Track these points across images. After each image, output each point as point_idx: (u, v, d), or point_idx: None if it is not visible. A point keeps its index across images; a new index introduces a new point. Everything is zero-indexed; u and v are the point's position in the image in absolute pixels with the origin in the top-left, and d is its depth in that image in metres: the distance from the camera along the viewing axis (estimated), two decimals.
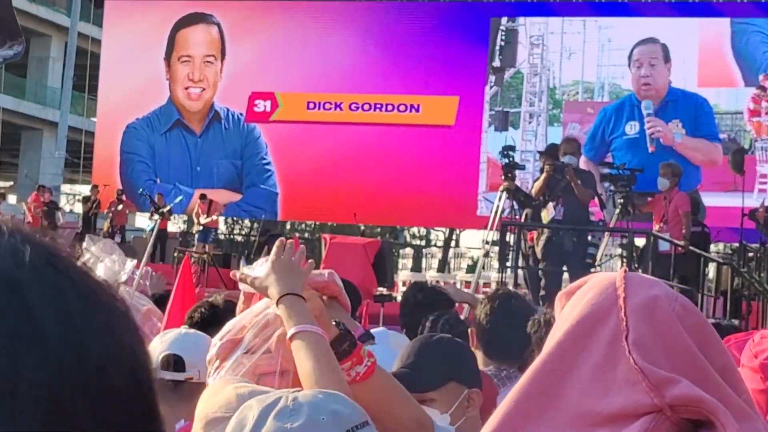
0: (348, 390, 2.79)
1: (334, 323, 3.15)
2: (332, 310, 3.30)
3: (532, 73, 31.76)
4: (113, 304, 1.03)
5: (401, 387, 3.10)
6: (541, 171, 16.08)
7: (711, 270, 20.09)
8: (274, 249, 3.23)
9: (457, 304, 8.72)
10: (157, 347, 4.37)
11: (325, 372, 2.87)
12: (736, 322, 19.18)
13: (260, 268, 3.23)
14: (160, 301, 8.32)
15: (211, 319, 5.10)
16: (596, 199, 16.93)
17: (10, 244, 0.99)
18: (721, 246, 27.12)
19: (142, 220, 36.96)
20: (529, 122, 31.59)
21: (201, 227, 28.64)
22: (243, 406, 2.46)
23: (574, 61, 31.45)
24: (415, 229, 41.10)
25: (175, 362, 4.36)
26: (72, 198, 50.36)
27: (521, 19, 32.00)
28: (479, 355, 5.02)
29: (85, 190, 37.15)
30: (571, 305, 1.96)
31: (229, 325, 3.32)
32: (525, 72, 31.86)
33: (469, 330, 5.37)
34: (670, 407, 1.77)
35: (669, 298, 1.93)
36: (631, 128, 29.83)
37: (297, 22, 33.13)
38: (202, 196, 29.48)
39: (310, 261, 3.30)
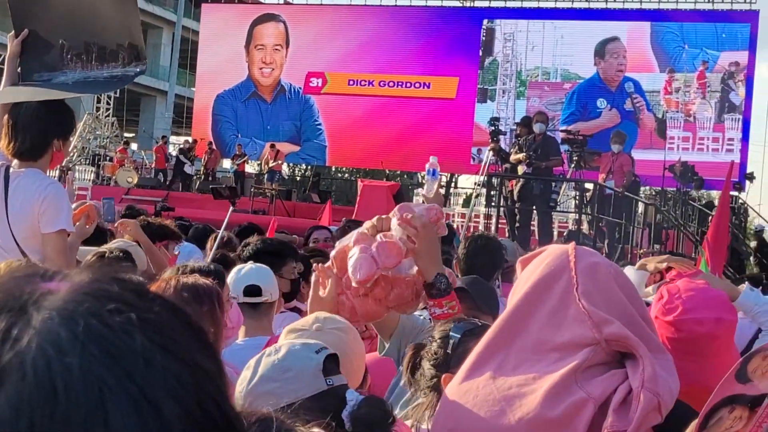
0: None
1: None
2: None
3: (505, 60, 31.74)
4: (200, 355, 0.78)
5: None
6: (517, 137, 15.95)
7: (640, 208, 19.92)
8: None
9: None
10: (239, 280, 4.25)
11: None
12: (657, 246, 19.21)
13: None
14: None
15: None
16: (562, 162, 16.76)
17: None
18: (648, 189, 26.91)
19: (227, 164, 36.84)
20: (503, 96, 31.64)
21: (268, 169, 28.53)
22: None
23: (536, 51, 31.48)
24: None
25: (254, 290, 4.25)
26: (176, 146, 50.38)
27: (498, 21, 31.97)
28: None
29: (181, 141, 37.01)
30: (533, 267, 1.98)
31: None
32: (500, 59, 31.78)
33: (453, 262, 5.36)
34: (605, 341, 1.81)
35: (606, 264, 1.96)
36: (601, 103, 30.21)
37: (342, 21, 33.03)
38: (272, 145, 29.44)
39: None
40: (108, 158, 32.30)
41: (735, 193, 25.83)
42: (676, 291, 2.79)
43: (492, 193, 16.71)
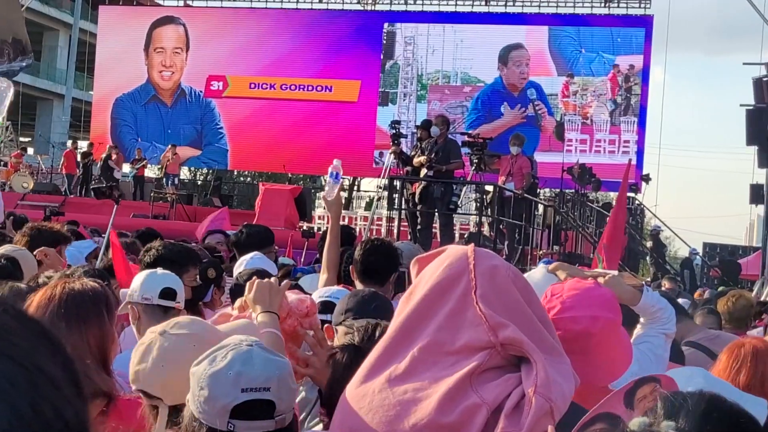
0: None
1: None
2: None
3: (406, 64, 32.01)
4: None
5: None
6: (419, 140, 15.98)
7: (539, 210, 20.17)
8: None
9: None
10: (156, 281, 4.20)
11: None
12: (557, 247, 19.49)
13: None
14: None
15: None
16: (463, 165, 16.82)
17: None
18: (547, 191, 27.32)
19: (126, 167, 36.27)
20: (404, 99, 31.90)
21: (164, 172, 28.08)
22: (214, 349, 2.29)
23: (436, 55, 31.84)
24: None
25: (170, 293, 4.19)
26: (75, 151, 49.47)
27: (398, 24, 32.21)
28: (357, 284, 4.98)
29: (84, 145, 36.31)
30: (432, 268, 1.96)
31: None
32: (401, 63, 32.01)
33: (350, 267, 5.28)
34: (501, 345, 1.80)
35: (505, 266, 1.95)
36: (505, 108, 30.68)
37: (242, 24, 32.93)
38: (172, 146, 29.06)
39: (285, 282, 3.22)
40: (2, 163, 31.54)
41: (632, 195, 26.41)
42: (558, 290, 2.84)
43: (394, 195, 16.70)
